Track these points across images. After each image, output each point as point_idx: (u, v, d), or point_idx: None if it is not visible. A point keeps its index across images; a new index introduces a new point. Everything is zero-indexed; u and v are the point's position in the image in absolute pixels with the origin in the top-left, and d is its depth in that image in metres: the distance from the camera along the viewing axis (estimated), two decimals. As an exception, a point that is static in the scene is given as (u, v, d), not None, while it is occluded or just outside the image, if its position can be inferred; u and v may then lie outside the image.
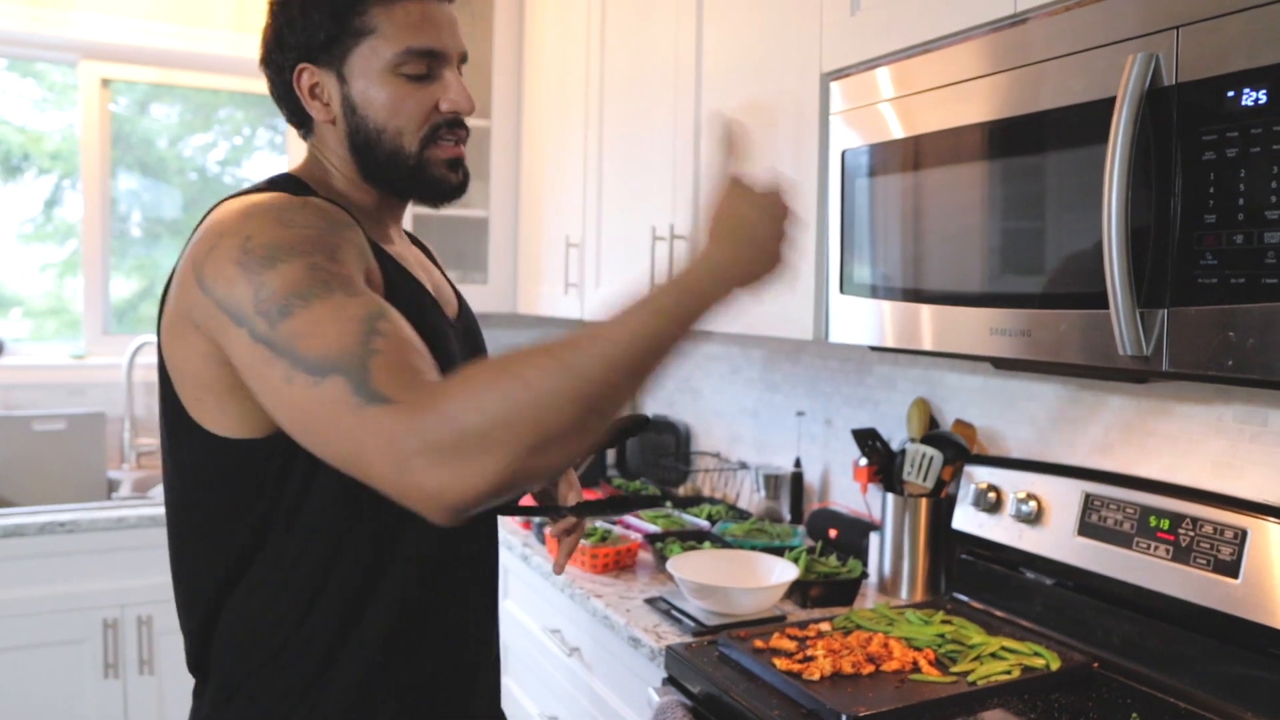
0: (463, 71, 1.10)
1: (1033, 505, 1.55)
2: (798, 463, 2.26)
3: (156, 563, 2.32)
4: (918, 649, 1.40)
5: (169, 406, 1.00)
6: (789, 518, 2.23)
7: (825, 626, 1.51)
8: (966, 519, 1.68)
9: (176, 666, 2.37)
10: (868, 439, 1.86)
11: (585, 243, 2.50)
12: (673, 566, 1.67)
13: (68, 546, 2.29)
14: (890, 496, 1.79)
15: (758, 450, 2.46)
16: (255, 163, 3.20)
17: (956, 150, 1.32)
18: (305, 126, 1.11)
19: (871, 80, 1.48)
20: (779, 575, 1.68)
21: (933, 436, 1.80)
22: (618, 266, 2.35)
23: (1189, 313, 1.02)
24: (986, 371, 1.79)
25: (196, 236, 0.95)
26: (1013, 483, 1.61)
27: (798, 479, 2.23)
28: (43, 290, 3.00)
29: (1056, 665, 1.37)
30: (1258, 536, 1.24)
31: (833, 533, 2.00)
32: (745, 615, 1.61)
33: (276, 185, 1.03)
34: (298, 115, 1.10)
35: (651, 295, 0.82)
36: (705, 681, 1.39)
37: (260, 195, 0.98)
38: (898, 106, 1.42)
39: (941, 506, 1.76)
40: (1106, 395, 1.57)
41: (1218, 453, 1.40)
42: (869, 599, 1.77)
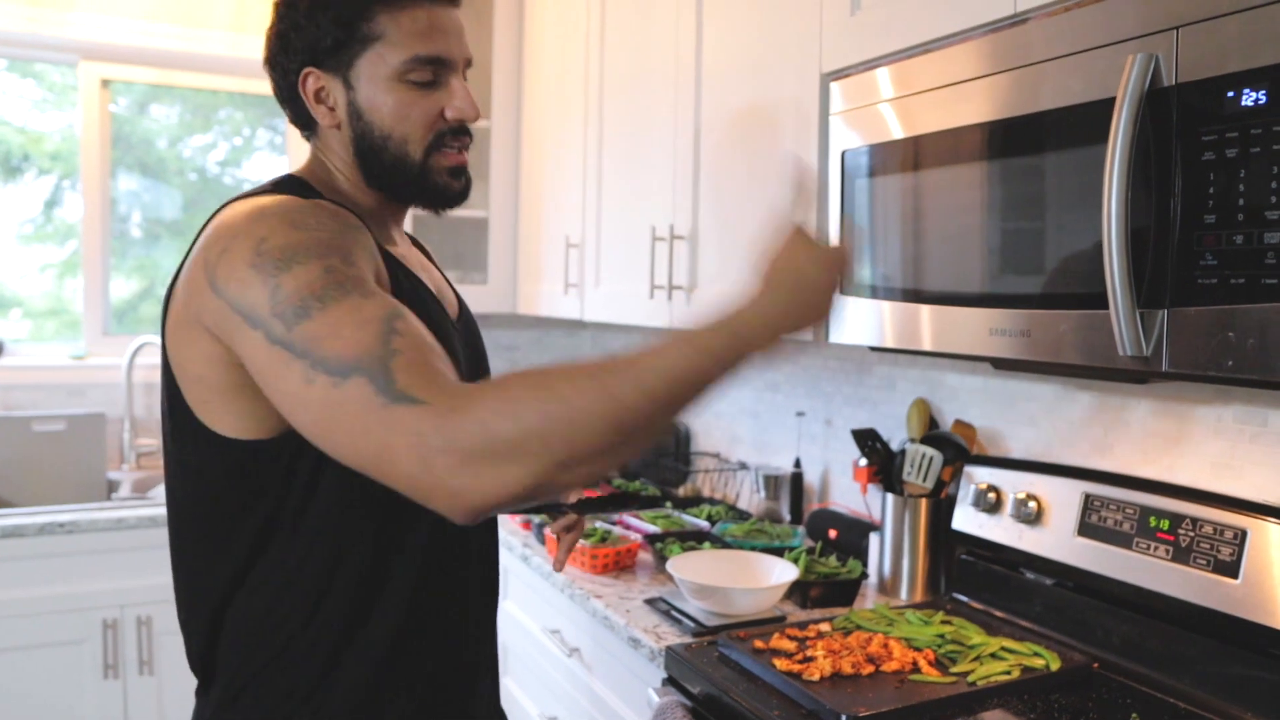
0: (467, 76, 1.10)
1: (1032, 506, 1.55)
2: (797, 463, 2.26)
3: (156, 563, 2.33)
4: (917, 649, 1.40)
5: (173, 408, 1.00)
6: (789, 518, 2.23)
7: (825, 627, 1.51)
8: (966, 519, 1.68)
9: (176, 667, 2.37)
10: (867, 439, 1.86)
11: (585, 242, 2.50)
12: (672, 567, 1.67)
13: (67, 547, 2.29)
14: (890, 497, 1.79)
15: (757, 450, 2.46)
16: (255, 163, 3.20)
17: (956, 151, 1.32)
18: (309, 129, 1.11)
19: (871, 80, 1.48)
20: (779, 576, 1.68)
21: (932, 437, 1.80)
22: (617, 266, 2.35)
23: (1189, 313, 1.02)
24: (986, 372, 1.79)
25: (205, 238, 0.95)
26: (1012, 483, 1.61)
27: (797, 479, 2.23)
28: (42, 291, 3.00)
29: (1056, 665, 1.37)
30: (1257, 537, 1.24)
31: (832, 533, 2.00)
32: (745, 616, 1.61)
33: (282, 187, 1.03)
34: (302, 118, 1.10)
35: (698, 332, 0.84)
36: (705, 682, 1.39)
37: (269, 198, 0.98)
38: (897, 107, 1.42)
39: (941, 507, 1.76)
40: (1106, 395, 1.57)
41: (1217, 453, 1.40)
42: (869, 599, 1.77)
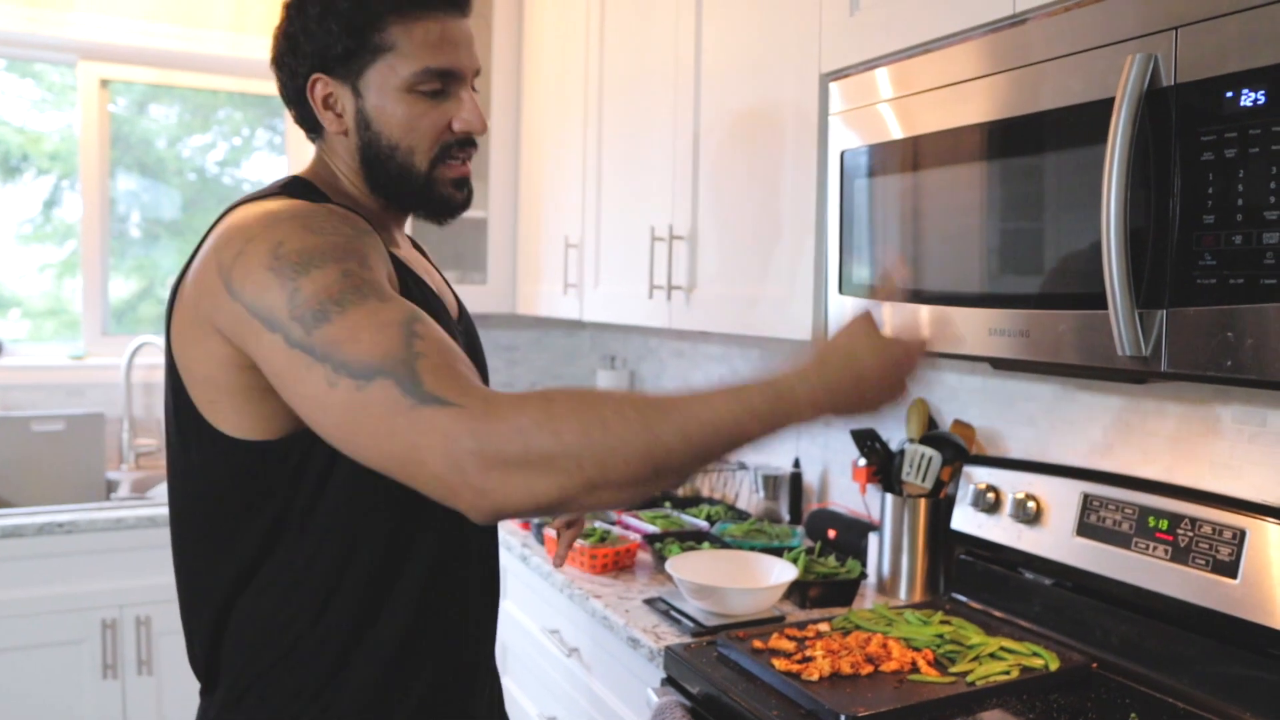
0: (476, 86, 1.10)
1: (1031, 506, 1.55)
2: (796, 463, 2.26)
3: (155, 563, 2.33)
4: (916, 649, 1.40)
5: (179, 408, 0.99)
6: (788, 518, 2.23)
7: (824, 627, 1.51)
8: (965, 519, 1.68)
9: (175, 667, 2.37)
10: (866, 439, 1.86)
11: (584, 243, 2.50)
12: (671, 567, 1.67)
13: (66, 547, 2.29)
14: (889, 497, 1.79)
15: (756, 450, 2.46)
16: (254, 163, 3.20)
17: (955, 151, 1.32)
18: (315, 131, 1.11)
19: (870, 81, 1.48)
20: (778, 576, 1.68)
21: (931, 437, 1.80)
22: (617, 266, 2.35)
23: (1188, 313, 1.02)
24: (985, 372, 1.79)
25: (216, 240, 0.94)
26: (1011, 483, 1.61)
27: (796, 479, 2.23)
28: (41, 291, 3.00)
29: (1055, 665, 1.37)
30: (1256, 537, 1.25)
31: (831, 533, 2.00)
32: (744, 616, 1.61)
33: (289, 190, 1.03)
34: (308, 120, 1.10)
35: (745, 388, 0.85)
36: (704, 682, 1.39)
37: (280, 202, 0.98)
38: (897, 107, 1.42)
39: (940, 507, 1.76)
40: (1105, 396, 1.57)
41: (1216, 453, 1.40)
42: (868, 599, 1.77)
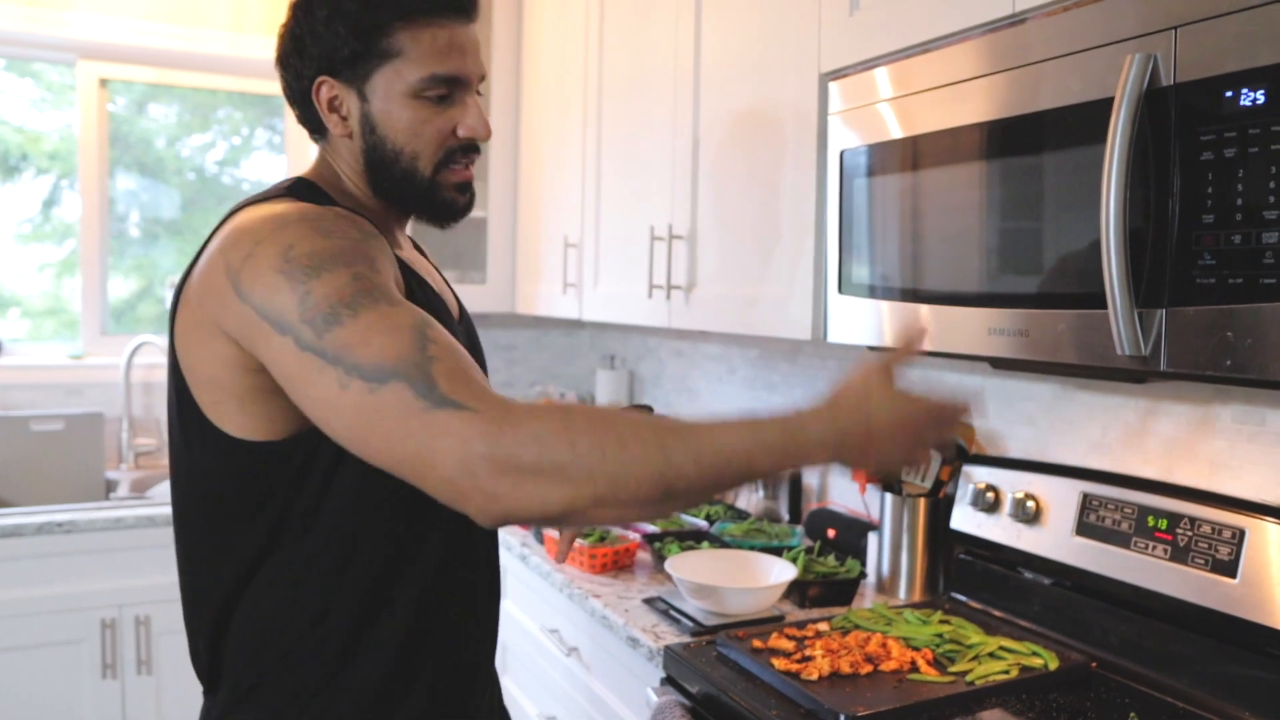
0: (481, 91, 1.11)
1: (1031, 505, 1.55)
2: (796, 463, 2.25)
3: (154, 563, 2.32)
4: (916, 649, 1.40)
5: (183, 408, 1.00)
6: (787, 517, 2.23)
7: (823, 626, 1.51)
8: (965, 519, 1.68)
9: (174, 666, 2.37)
10: (866, 439, 1.86)
11: (584, 242, 2.50)
12: (671, 566, 1.67)
13: (65, 547, 2.29)
14: (888, 496, 1.79)
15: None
16: (253, 163, 3.19)
17: (955, 150, 1.32)
18: (318, 133, 1.11)
19: (870, 80, 1.48)
20: (777, 575, 1.68)
21: (931, 436, 1.79)
22: (616, 266, 2.35)
23: (1187, 313, 1.02)
24: (985, 371, 1.79)
25: (223, 241, 0.94)
26: (1011, 482, 1.61)
27: (796, 479, 2.23)
28: (41, 290, 3.00)
29: (1055, 665, 1.37)
30: (1255, 536, 1.25)
31: (831, 533, 2.00)
32: (743, 615, 1.61)
33: (295, 191, 1.04)
34: (311, 121, 1.10)
35: (760, 422, 0.86)
36: (703, 681, 1.39)
37: (287, 204, 0.98)
38: (896, 107, 1.42)
39: (940, 506, 1.76)
40: (1104, 395, 1.57)
41: (1215, 452, 1.40)
42: (867, 599, 1.77)
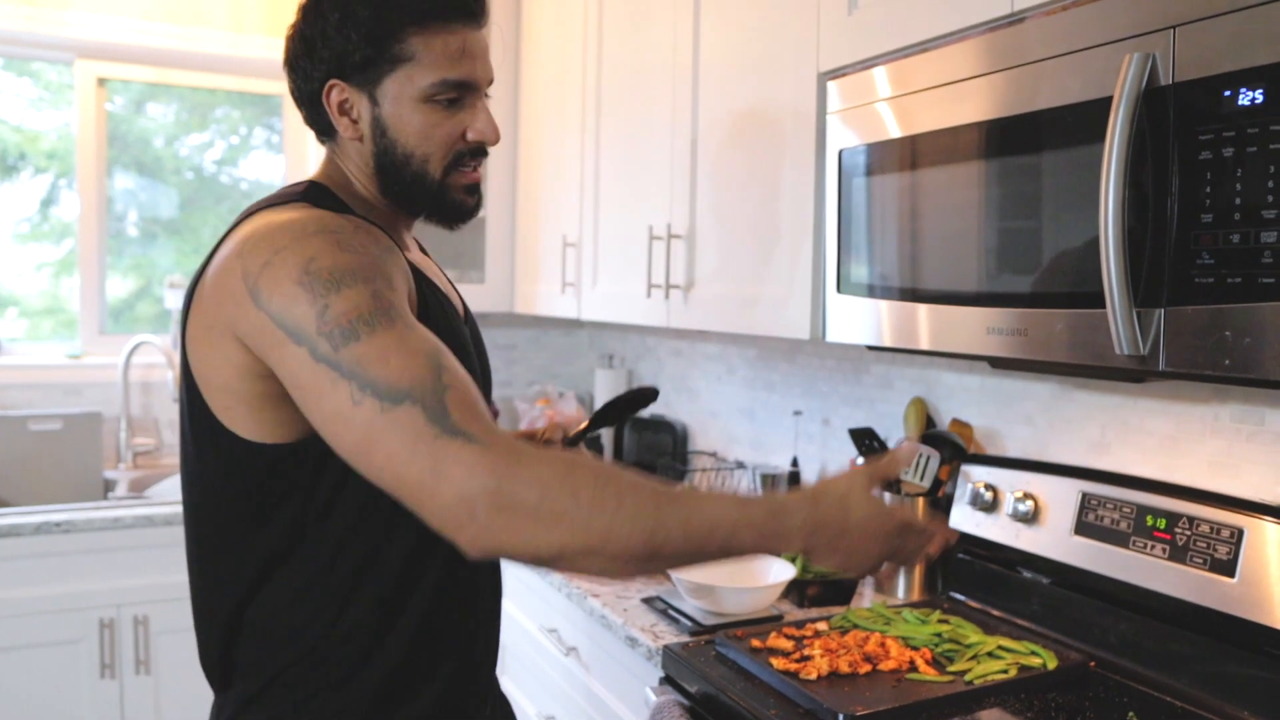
0: (490, 94, 1.11)
1: (1029, 504, 1.55)
2: (795, 462, 2.26)
3: (153, 563, 2.32)
4: (915, 648, 1.40)
5: (194, 411, 1.00)
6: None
7: (822, 626, 1.51)
8: (963, 518, 1.68)
9: (173, 666, 2.37)
10: (865, 438, 1.86)
11: (582, 242, 2.50)
12: (670, 566, 1.67)
13: (64, 546, 2.28)
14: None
15: (755, 450, 2.46)
16: (252, 162, 3.19)
17: (953, 150, 1.32)
18: (327, 135, 1.11)
19: (868, 80, 1.48)
20: (776, 575, 1.68)
21: (930, 436, 1.80)
22: (615, 266, 2.35)
23: (1186, 312, 1.02)
24: (983, 371, 1.79)
25: (240, 247, 0.94)
26: (1010, 482, 1.61)
27: (795, 478, 2.23)
28: (39, 290, 3.00)
29: (1053, 664, 1.37)
30: (1254, 536, 1.25)
31: (830, 532, 1.99)
32: (742, 615, 1.61)
33: (310, 197, 1.04)
34: (320, 124, 1.10)
35: (749, 500, 0.91)
36: (702, 681, 1.39)
37: (305, 211, 0.98)
38: (895, 106, 1.42)
39: (939, 506, 1.76)
40: (1103, 395, 1.57)
41: (1214, 452, 1.40)
42: (866, 598, 1.77)
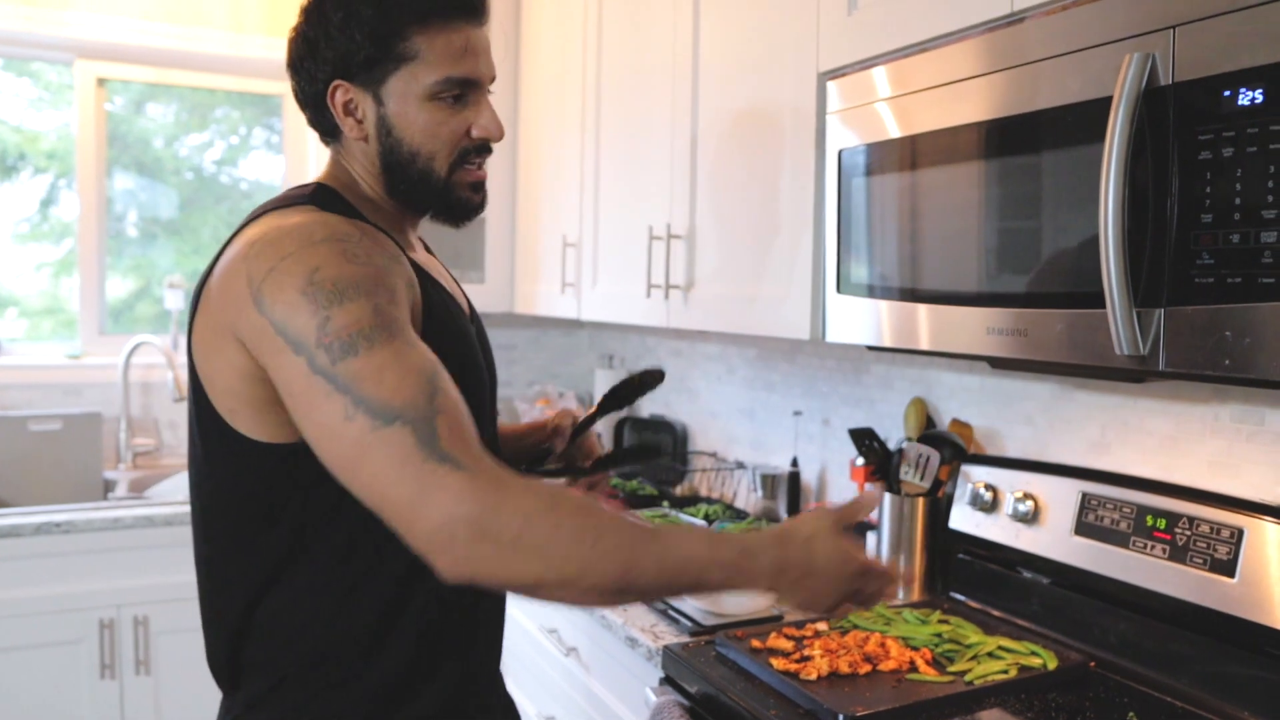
0: (493, 90, 1.11)
1: (1029, 505, 1.55)
2: (795, 462, 2.26)
3: (153, 563, 2.32)
4: (915, 648, 1.40)
5: (202, 412, 1.00)
6: (786, 517, 2.23)
7: (822, 626, 1.51)
8: (963, 518, 1.68)
9: (173, 667, 2.37)
10: (865, 438, 1.86)
11: (582, 242, 2.50)
12: (670, 566, 1.67)
13: (64, 547, 2.28)
14: (887, 496, 1.79)
15: (754, 450, 2.46)
16: (251, 162, 3.19)
17: (953, 150, 1.32)
18: (332, 136, 1.11)
19: (868, 80, 1.47)
20: (776, 575, 1.68)
21: (930, 436, 1.80)
22: (615, 266, 2.35)
23: (1186, 312, 1.02)
24: (983, 371, 1.79)
25: (246, 249, 0.94)
26: (1010, 482, 1.61)
27: (795, 479, 2.23)
28: (38, 290, 3.00)
29: (1053, 664, 1.37)
30: (1254, 536, 1.25)
31: (830, 532, 1.99)
32: (742, 615, 1.61)
33: (318, 199, 1.04)
34: (325, 125, 1.10)
35: (722, 539, 0.93)
36: (702, 681, 1.39)
37: (313, 215, 0.98)
38: (894, 106, 1.42)
39: (938, 506, 1.76)
40: (1103, 395, 1.57)
41: (1214, 452, 1.40)
42: (866, 598, 1.77)
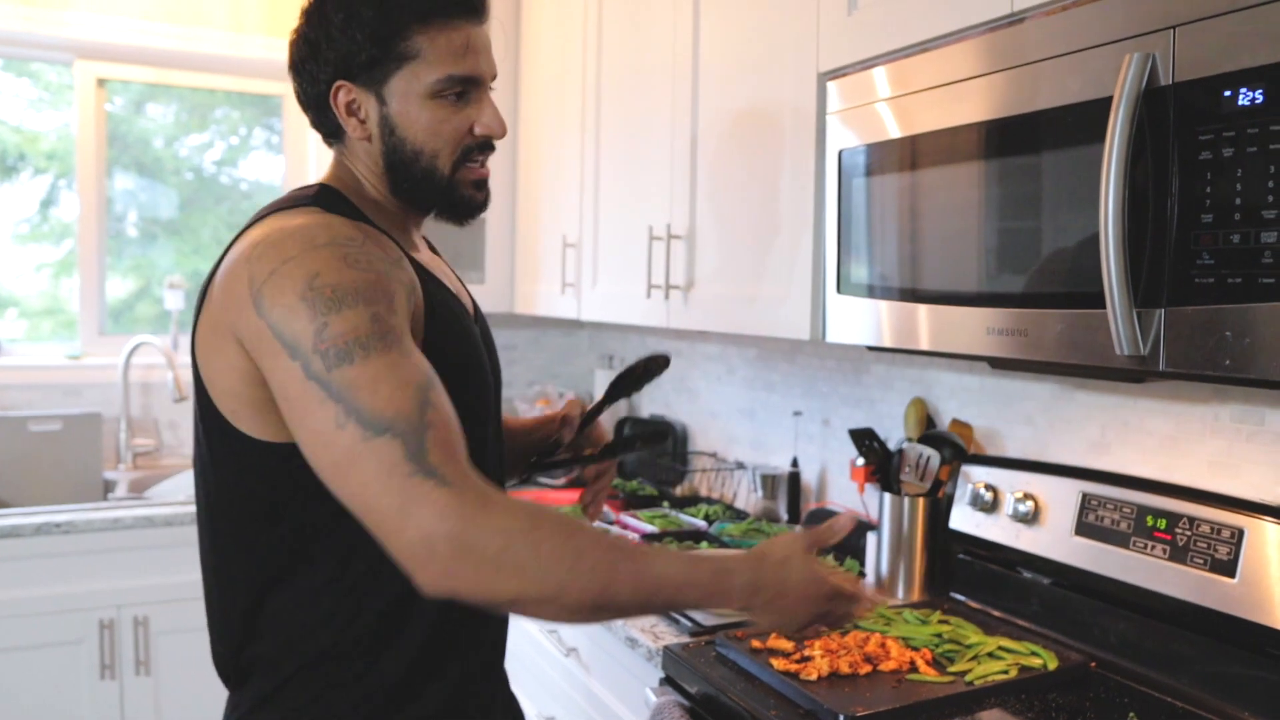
0: (494, 88, 1.12)
1: (1030, 505, 1.55)
2: (795, 462, 2.26)
3: (153, 563, 2.32)
4: (915, 649, 1.40)
5: (205, 413, 1.00)
6: (786, 518, 2.23)
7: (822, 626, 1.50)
8: (964, 519, 1.68)
9: (173, 667, 2.37)
10: (865, 439, 1.86)
11: (582, 242, 2.50)
12: (670, 566, 1.67)
13: (64, 547, 2.28)
14: (887, 496, 1.79)
15: (754, 450, 2.46)
16: (251, 163, 3.19)
17: (953, 150, 1.32)
18: (335, 136, 1.11)
19: (868, 80, 1.47)
20: (776, 575, 1.68)
21: (930, 436, 1.80)
22: (615, 266, 2.35)
23: (1186, 312, 1.02)
24: (983, 371, 1.79)
25: (249, 250, 0.94)
26: (1010, 482, 1.61)
27: (795, 479, 2.23)
28: (39, 290, 3.00)
29: (1054, 665, 1.37)
30: (1254, 536, 1.25)
31: (830, 532, 1.99)
32: (742, 616, 1.61)
33: (322, 200, 1.04)
34: (327, 125, 1.10)
35: (698, 559, 0.95)
36: (702, 682, 1.39)
37: (317, 217, 0.98)
38: (894, 106, 1.42)
39: (939, 506, 1.76)
40: (1103, 395, 1.57)
41: (1214, 452, 1.40)
42: (866, 599, 1.77)
